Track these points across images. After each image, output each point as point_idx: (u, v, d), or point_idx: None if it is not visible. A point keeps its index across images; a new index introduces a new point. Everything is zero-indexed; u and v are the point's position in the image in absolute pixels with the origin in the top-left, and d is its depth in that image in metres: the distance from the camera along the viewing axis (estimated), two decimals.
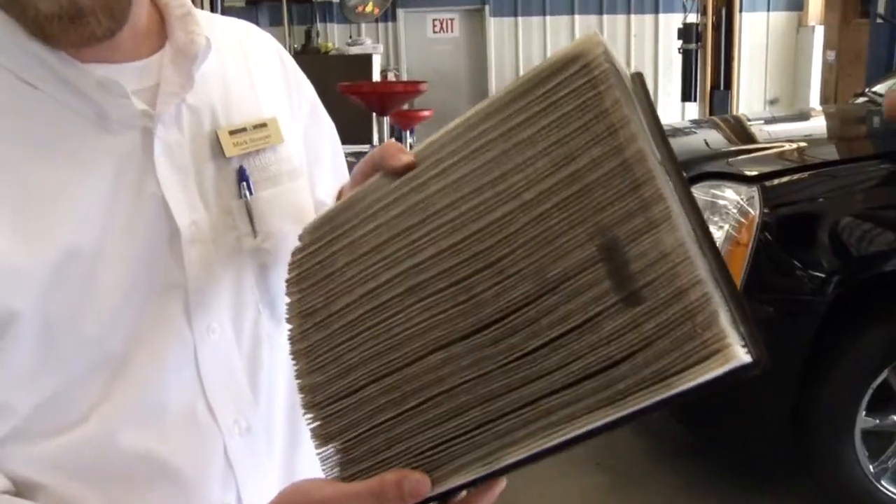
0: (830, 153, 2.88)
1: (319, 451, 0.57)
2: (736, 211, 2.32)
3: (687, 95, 7.71)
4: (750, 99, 9.47)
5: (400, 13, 9.89)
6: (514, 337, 0.49)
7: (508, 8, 9.87)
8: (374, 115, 5.16)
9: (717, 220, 2.36)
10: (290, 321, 0.62)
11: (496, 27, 9.92)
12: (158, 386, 0.68)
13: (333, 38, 9.70)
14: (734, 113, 7.21)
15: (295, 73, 0.87)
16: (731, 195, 2.36)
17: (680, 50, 7.77)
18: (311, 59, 7.16)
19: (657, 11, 9.86)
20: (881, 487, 2.44)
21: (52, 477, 0.65)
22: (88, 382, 0.65)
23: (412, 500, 0.52)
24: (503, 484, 0.56)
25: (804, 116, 4.22)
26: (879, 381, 2.35)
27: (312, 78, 0.89)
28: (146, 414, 0.67)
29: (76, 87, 0.64)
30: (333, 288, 0.59)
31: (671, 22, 9.14)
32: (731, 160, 2.67)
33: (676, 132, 3.26)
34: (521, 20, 9.89)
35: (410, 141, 5.82)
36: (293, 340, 0.61)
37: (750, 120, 3.70)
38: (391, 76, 9.13)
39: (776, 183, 2.36)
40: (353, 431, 0.56)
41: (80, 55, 0.64)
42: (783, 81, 9.87)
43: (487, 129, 0.53)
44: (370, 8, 9.58)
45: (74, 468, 0.65)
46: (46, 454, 0.65)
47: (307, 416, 0.59)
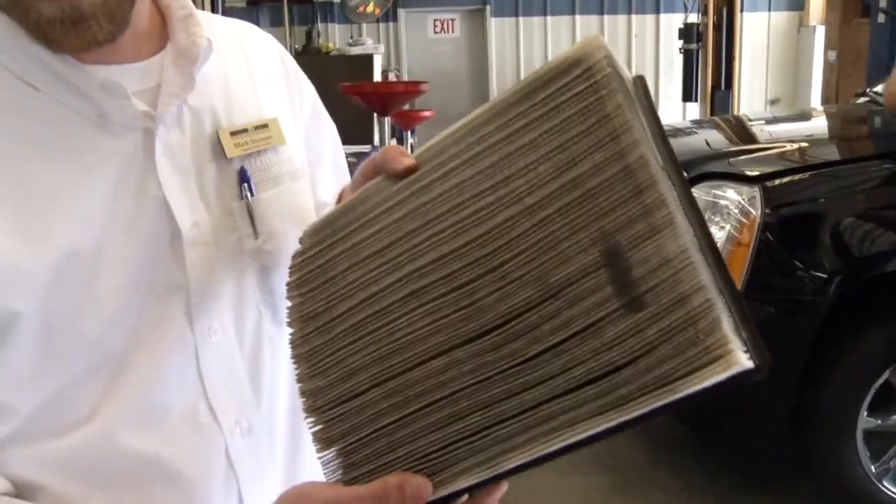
0: (832, 153, 2.88)
1: (321, 454, 0.57)
2: (737, 211, 2.32)
3: (688, 95, 7.71)
4: (751, 99, 9.46)
5: (401, 13, 9.88)
6: (515, 342, 0.49)
7: (509, 8, 9.86)
8: (374, 115, 5.16)
9: (718, 220, 2.35)
10: (291, 325, 0.62)
11: (497, 27, 9.91)
12: (160, 387, 0.68)
13: (334, 38, 9.69)
14: (735, 113, 7.21)
15: (296, 73, 0.87)
16: (732, 195, 2.36)
17: (681, 50, 7.77)
18: (311, 59, 7.16)
19: (658, 11, 9.84)
20: (883, 488, 2.44)
21: (52, 478, 0.65)
22: (89, 383, 0.65)
23: (414, 503, 0.52)
24: (505, 487, 0.56)
25: (805, 116, 4.22)
26: (881, 381, 2.35)
27: (313, 78, 0.89)
28: (147, 415, 0.67)
29: (77, 88, 0.64)
30: (335, 292, 0.59)
31: (672, 22, 9.13)
32: (732, 160, 2.67)
33: (677, 132, 3.26)
34: (521, 20, 9.88)
35: (412, 141, 5.81)
36: (294, 344, 0.61)
37: (751, 120, 3.70)
38: (392, 76, 9.12)
39: (777, 183, 2.36)
40: (354, 435, 0.56)
41: (81, 57, 0.64)
42: (784, 81, 9.86)
43: (489, 132, 0.53)
44: (371, 8, 9.57)
45: (75, 469, 0.65)
46: (47, 455, 0.65)
47: (309, 419, 0.58)
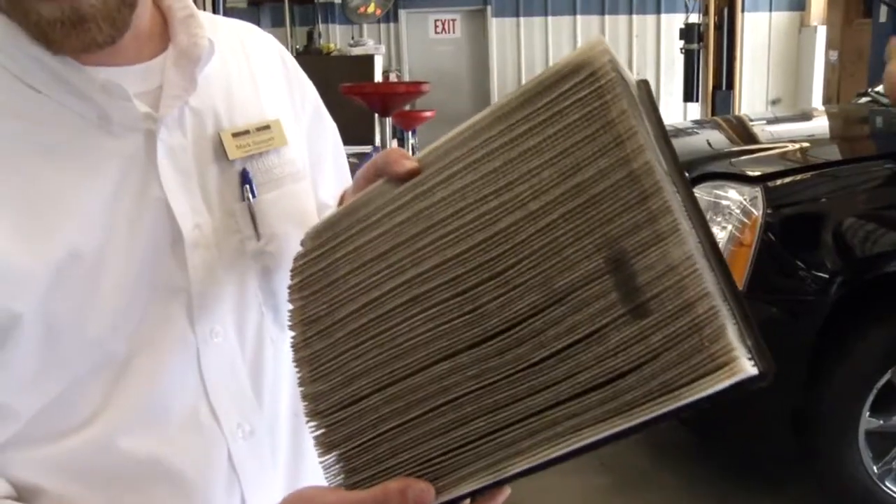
0: (833, 153, 2.88)
1: (323, 458, 0.57)
2: (739, 211, 2.32)
3: (689, 96, 7.70)
4: (752, 99, 9.45)
5: (402, 14, 9.88)
6: (520, 348, 0.49)
7: (510, 8, 9.85)
8: (375, 115, 5.16)
9: (720, 220, 2.35)
10: (292, 328, 0.62)
11: (498, 28, 9.91)
12: (161, 389, 0.67)
13: (335, 38, 9.68)
14: (736, 113, 7.20)
15: (297, 74, 0.86)
16: (734, 195, 2.36)
17: (682, 50, 7.76)
18: (313, 59, 7.15)
19: (659, 11, 9.83)
20: (885, 488, 2.44)
21: (53, 480, 0.65)
22: (91, 385, 0.65)
23: None
24: (507, 492, 0.56)
25: (807, 116, 4.21)
26: (883, 381, 2.35)
27: (314, 79, 0.89)
28: (149, 417, 0.67)
29: (79, 90, 0.64)
30: (337, 296, 0.59)
31: (673, 22, 9.12)
32: (733, 160, 2.67)
33: (679, 132, 3.26)
34: (522, 20, 9.88)
35: (412, 142, 5.81)
36: (296, 348, 0.61)
37: (752, 120, 3.70)
38: (393, 77, 9.12)
39: (779, 183, 2.36)
40: (356, 440, 0.56)
41: (82, 58, 0.64)
42: (785, 81, 9.85)
43: (492, 136, 0.52)
44: (372, 9, 9.57)
45: (77, 472, 0.65)
46: (49, 458, 0.65)
47: (311, 424, 0.58)
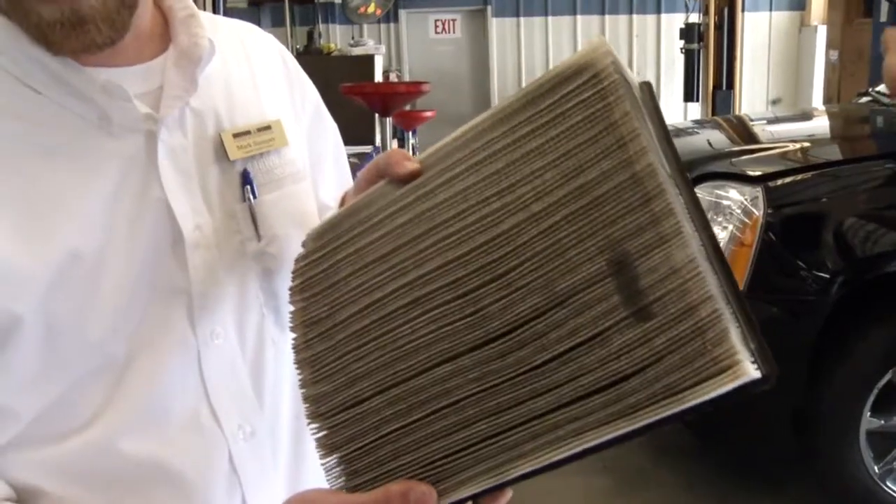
0: (834, 153, 2.87)
1: (324, 461, 0.57)
2: (740, 211, 2.32)
3: (689, 95, 7.70)
4: (752, 99, 9.45)
5: (402, 14, 9.87)
6: (522, 350, 0.49)
7: (510, 8, 9.85)
8: (376, 115, 5.15)
9: (720, 220, 2.35)
10: (293, 330, 0.62)
11: (498, 28, 9.90)
12: (162, 391, 0.67)
13: (335, 38, 9.68)
14: (737, 113, 7.20)
15: (298, 74, 0.86)
16: (734, 195, 2.36)
17: (682, 50, 7.76)
18: (313, 59, 7.14)
19: (659, 11, 9.83)
20: (886, 488, 2.43)
21: (54, 482, 0.65)
22: (91, 387, 0.65)
23: None
24: (509, 494, 0.56)
25: (807, 116, 4.21)
26: (884, 381, 2.35)
27: (315, 79, 0.89)
28: (149, 419, 0.67)
29: (79, 91, 0.64)
30: (338, 297, 0.59)
31: (673, 22, 9.12)
32: (734, 160, 2.67)
33: (679, 132, 3.26)
34: (523, 20, 9.87)
35: (413, 142, 5.81)
36: (297, 350, 0.61)
37: (752, 120, 3.70)
38: (393, 77, 9.12)
39: (780, 183, 2.36)
40: (358, 442, 0.56)
41: (82, 59, 0.64)
42: (786, 81, 9.85)
43: (494, 138, 0.52)
44: (372, 9, 9.57)
45: (77, 474, 0.65)
46: (49, 460, 0.65)
47: (312, 426, 0.58)
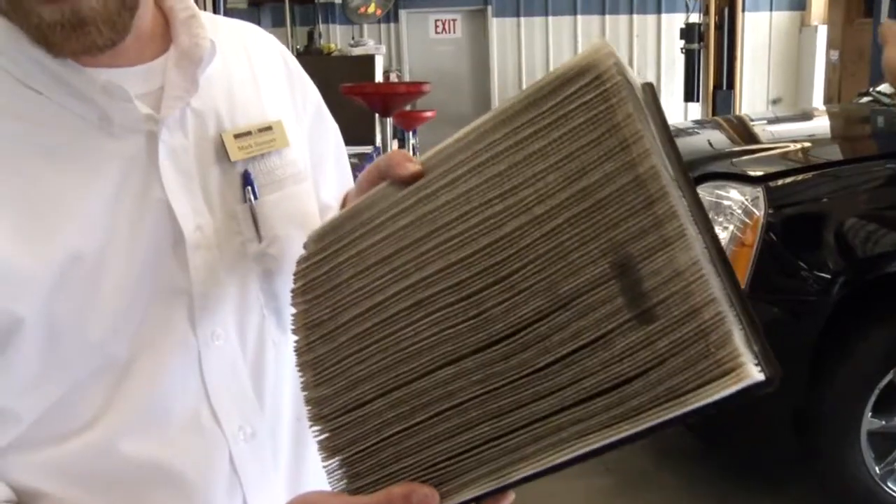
0: (834, 153, 2.87)
1: (326, 463, 0.57)
2: (740, 211, 2.31)
3: (690, 95, 7.70)
4: (753, 99, 9.44)
5: (402, 14, 9.87)
6: (525, 353, 0.49)
7: (511, 8, 9.85)
8: (376, 116, 5.15)
9: (721, 220, 2.35)
10: (295, 332, 0.61)
11: (498, 28, 9.90)
12: (162, 392, 0.67)
13: (336, 39, 9.68)
14: (737, 113, 7.20)
15: (299, 75, 0.86)
16: (735, 196, 2.36)
17: (682, 50, 7.77)
18: (313, 60, 7.15)
19: (659, 11, 9.82)
20: (887, 489, 2.43)
21: (54, 484, 0.65)
22: (92, 388, 0.65)
23: None
24: (512, 497, 0.56)
25: (807, 116, 4.21)
26: (885, 382, 2.34)
27: (315, 79, 0.89)
28: (150, 420, 0.67)
29: (80, 91, 0.64)
30: (340, 300, 0.59)
31: (673, 22, 9.12)
32: (735, 160, 2.67)
33: (680, 132, 3.25)
34: (523, 20, 9.87)
35: (413, 142, 5.81)
36: (299, 352, 0.61)
37: (753, 120, 3.70)
38: (393, 77, 9.12)
39: (781, 183, 2.36)
40: (360, 444, 0.55)
41: (82, 60, 0.64)
42: (786, 81, 9.84)
43: (497, 140, 0.52)
44: (372, 9, 9.57)
45: (78, 475, 0.65)
46: (50, 461, 0.65)
47: (314, 428, 0.58)
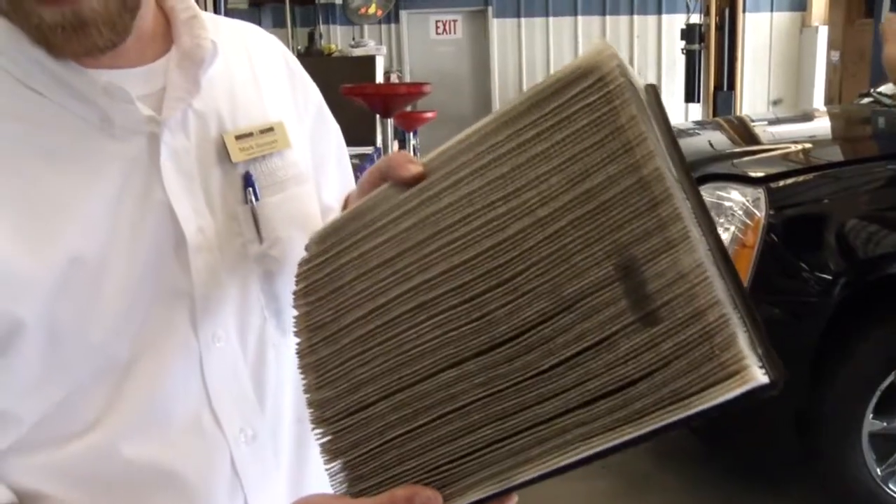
0: (835, 154, 2.87)
1: (328, 466, 0.57)
2: (742, 212, 2.31)
3: (690, 96, 7.70)
4: (753, 99, 9.44)
5: (403, 14, 9.87)
6: (528, 355, 0.49)
7: (511, 9, 9.85)
8: (377, 116, 5.16)
9: (722, 221, 2.35)
10: (298, 334, 0.61)
11: (499, 28, 9.90)
12: (164, 394, 0.67)
13: (336, 39, 9.68)
14: (738, 114, 7.20)
15: (301, 75, 0.86)
16: (736, 197, 2.36)
17: (683, 50, 7.77)
18: (314, 60, 7.15)
19: (660, 12, 9.82)
20: (888, 491, 2.43)
21: (55, 486, 0.65)
22: (94, 390, 0.65)
23: None
24: (515, 500, 0.55)
25: (808, 117, 4.21)
26: (887, 383, 2.34)
27: (316, 80, 0.89)
28: (151, 422, 0.67)
29: (81, 93, 0.64)
30: (342, 302, 0.58)
31: (674, 22, 9.12)
32: (735, 161, 2.67)
33: (680, 133, 3.25)
34: (523, 21, 9.87)
35: (414, 143, 5.81)
36: (301, 354, 0.60)
37: (754, 121, 3.69)
38: (394, 78, 9.12)
39: (782, 184, 2.36)
40: (363, 447, 0.55)
41: (83, 61, 0.64)
42: (787, 82, 9.84)
43: (499, 142, 0.52)
44: (373, 9, 9.58)
45: (79, 478, 0.65)
46: (51, 464, 0.64)
47: (317, 431, 0.58)
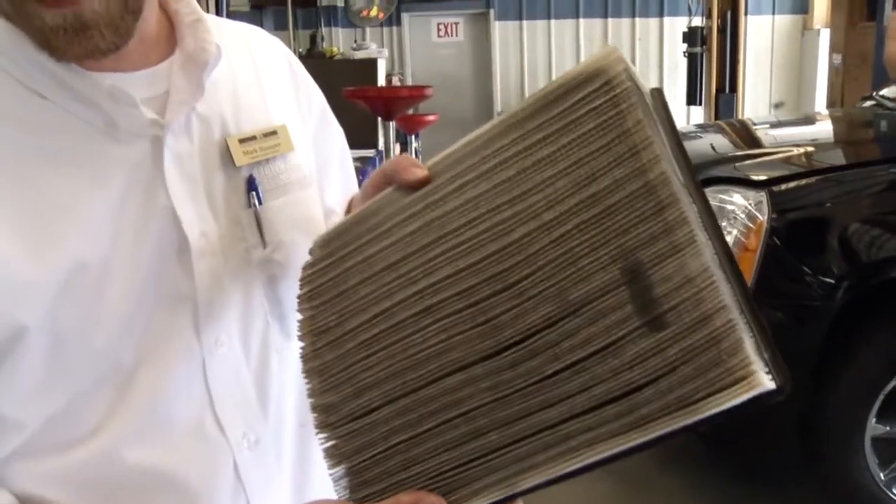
0: (838, 158, 2.86)
1: (332, 471, 0.57)
2: (744, 216, 2.31)
3: (692, 99, 7.69)
4: (755, 102, 9.44)
5: (404, 17, 9.88)
6: (534, 360, 0.49)
7: (513, 12, 9.85)
8: (379, 119, 5.16)
9: (725, 225, 2.34)
10: (302, 339, 0.61)
11: (501, 31, 9.90)
12: (167, 399, 0.67)
13: (338, 42, 9.68)
14: (740, 117, 7.19)
15: (304, 77, 0.86)
16: (739, 200, 2.35)
17: (685, 53, 7.76)
18: (316, 63, 7.16)
19: (662, 15, 9.82)
20: (891, 495, 2.42)
21: (59, 492, 0.64)
22: (97, 396, 0.64)
23: None
24: None
25: (810, 120, 4.20)
26: (890, 387, 2.34)
27: (317, 82, 0.89)
28: (154, 428, 0.67)
29: (84, 96, 0.64)
30: (347, 306, 0.58)
31: (676, 25, 9.12)
32: (738, 165, 2.67)
33: (682, 137, 3.23)
34: (525, 24, 9.88)
35: (416, 145, 5.81)
36: (305, 359, 0.60)
37: (756, 124, 3.69)
38: (396, 80, 9.12)
39: (784, 188, 2.36)
40: (367, 452, 0.55)
41: (86, 64, 0.63)
42: (789, 85, 9.83)
43: (505, 145, 0.52)
44: (375, 12, 9.58)
45: (82, 483, 0.65)
46: (54, 469, 0.64)
47: (321, 435, 0.58)
